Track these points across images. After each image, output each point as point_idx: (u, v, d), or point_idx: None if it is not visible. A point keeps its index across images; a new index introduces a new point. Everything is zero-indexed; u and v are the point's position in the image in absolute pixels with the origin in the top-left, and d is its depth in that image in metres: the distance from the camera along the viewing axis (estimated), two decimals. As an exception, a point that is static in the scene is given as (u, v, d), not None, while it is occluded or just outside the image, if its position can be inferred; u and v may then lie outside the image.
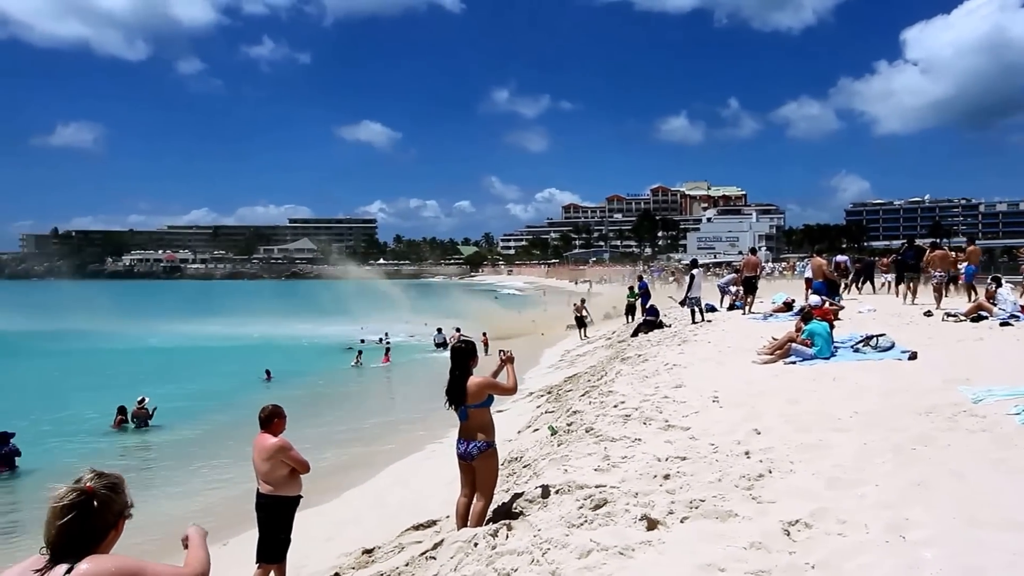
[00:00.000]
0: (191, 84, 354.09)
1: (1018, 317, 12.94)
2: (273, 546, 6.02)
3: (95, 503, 2.20)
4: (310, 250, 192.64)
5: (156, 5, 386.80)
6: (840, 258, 22.80)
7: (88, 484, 2.22)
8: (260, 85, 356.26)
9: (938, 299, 15.83)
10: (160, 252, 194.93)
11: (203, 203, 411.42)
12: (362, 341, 32.96)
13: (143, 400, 17.01)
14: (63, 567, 2.11)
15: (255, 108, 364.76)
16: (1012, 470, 4.77)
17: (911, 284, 18.48)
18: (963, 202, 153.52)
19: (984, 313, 13.55)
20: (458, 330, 27.35)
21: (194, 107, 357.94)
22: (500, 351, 5.95)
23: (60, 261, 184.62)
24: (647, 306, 22.98)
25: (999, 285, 14.76)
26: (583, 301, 29.53)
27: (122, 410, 16.84)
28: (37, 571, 2.13)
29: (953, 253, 19.49)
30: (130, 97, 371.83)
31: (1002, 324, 12.64)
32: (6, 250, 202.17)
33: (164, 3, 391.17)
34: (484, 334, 26.95)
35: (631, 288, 27.99)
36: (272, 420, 6.10)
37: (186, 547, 2.62)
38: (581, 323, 28.19)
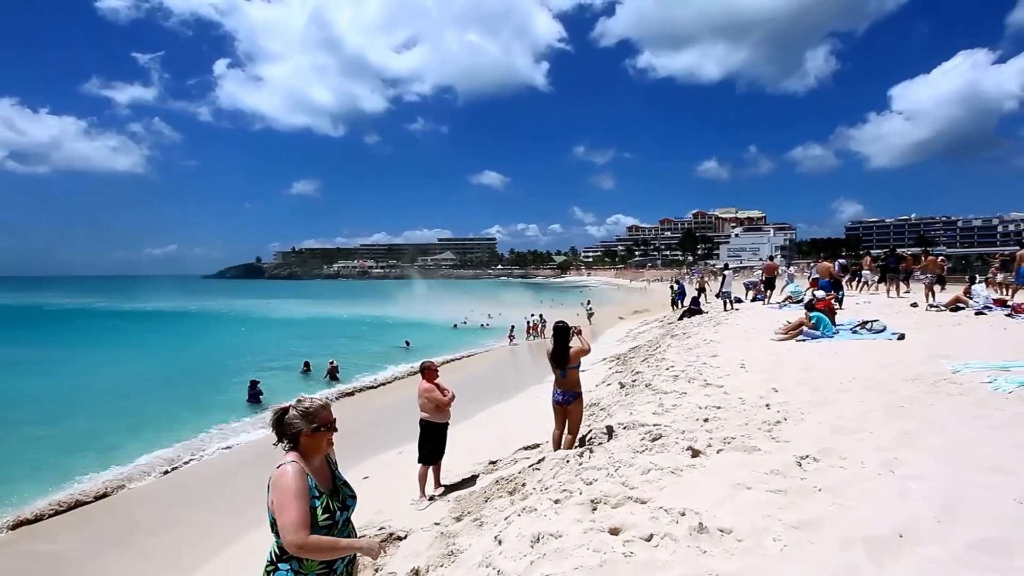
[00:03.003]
0: (372, 151, 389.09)
1: (991, 308, 11.45)
2: (428, 453, 6.25)
3: (286, 417, 2.31)
4: (452, 260, 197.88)
5: (350, 100, 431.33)
6: (841, 262, 21.16)
7: (287, 405, 2.36)
8: (416, 149, 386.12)
9: (928, 295, 14.30)
10: (355, 262, 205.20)
11: (382, 228, 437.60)
12: (464, 322, 32.58)
13: (333, 361, 17.53)
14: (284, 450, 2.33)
15: (413, 165, 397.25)
16: (987, 425, 4.27)
17: (893, 282, 17.10)
18: (943, 219, 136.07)
19: (961, 305, 12.10)
20: (540, 316, 27.24)
21: (375, 166, 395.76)
22: (574, 328, 5.88)
23: (297, 268, 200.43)
24: (684, 300, 23.09)
25: (974, 283, 13.25)
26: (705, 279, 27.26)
27: (307, 364, 17.85)
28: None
29: (941, 258, 17.65)
30: (335, 161, 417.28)
31: (977, 314, 11.21)
32: (266, 261, 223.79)
33: (355, 98, 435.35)
34: (541, 316, 26.70)
35: (671, 287, 27.70)
36: (426, 371, 6.35)
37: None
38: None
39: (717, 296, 19.55)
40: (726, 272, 18.83)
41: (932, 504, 3.00)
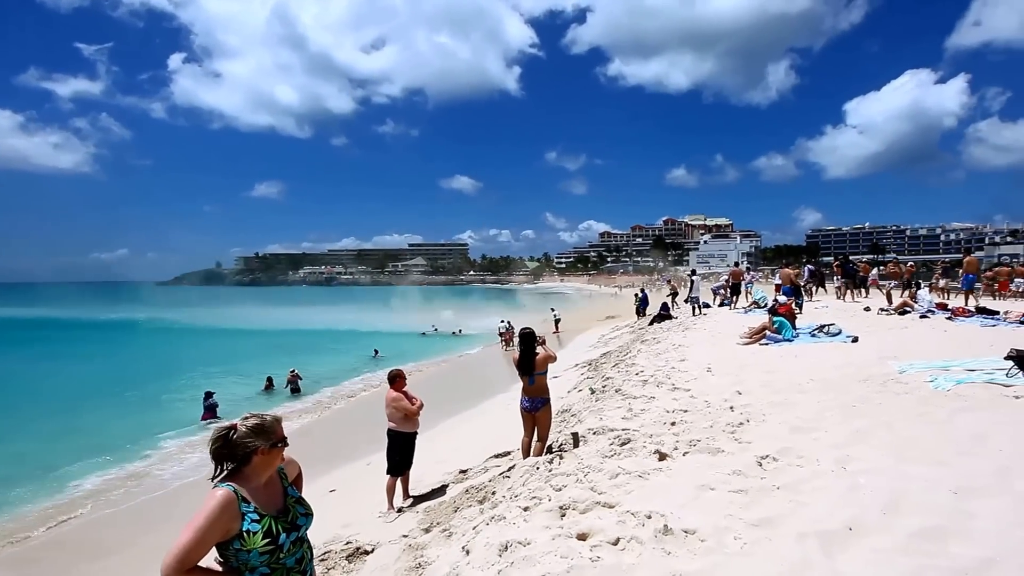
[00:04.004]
0: (340, 153, 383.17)
1: (934, 312, 12.30)
2: (396, 464, 6.17)
3: (233, 436, 2.13)
4: (423, 265, 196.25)
5: (316, 100, 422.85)
6: (810, 268, 21.94)
7: (236, 422, 2.17)
8: (386, 152, 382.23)
9: (889, 299, 15.06)
10: (323, 268, 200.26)
11: (351, 233, 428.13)
12: (435, 330, 32.50)
13: (293, 371, 17.01)
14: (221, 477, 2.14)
15: (383, 168, 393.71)
16: (928, 422, 4.57)
17: (848, 287, 18.02)
18: (894, 228, 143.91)
19: (908, 309, 12.84)
20: (505, 321, 27.20)
21: (343, 168, 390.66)
22: (539, 338, 5.85)
23: (260, 274, 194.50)
24: (646, 308, 24.51)
25: (919, 288, 14.06)
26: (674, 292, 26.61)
27: (270, 380, 16.96)
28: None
29: (910, 264, 18.71)
30: (301, 163, 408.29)
31: (921, 317, 11.99)
32: (227, 267, 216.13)
33: (321, 98, 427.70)
34: (509, 322, 26.54)
35: (636, 295, 28.36)
36: (394, 380, 6.23)
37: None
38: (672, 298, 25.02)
39: (685, 301, 20.04)
40: (693, 278, 19.32)
41: (879, 497, 3.20)
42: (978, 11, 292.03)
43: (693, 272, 21.89)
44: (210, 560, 2.05)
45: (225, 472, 2.13)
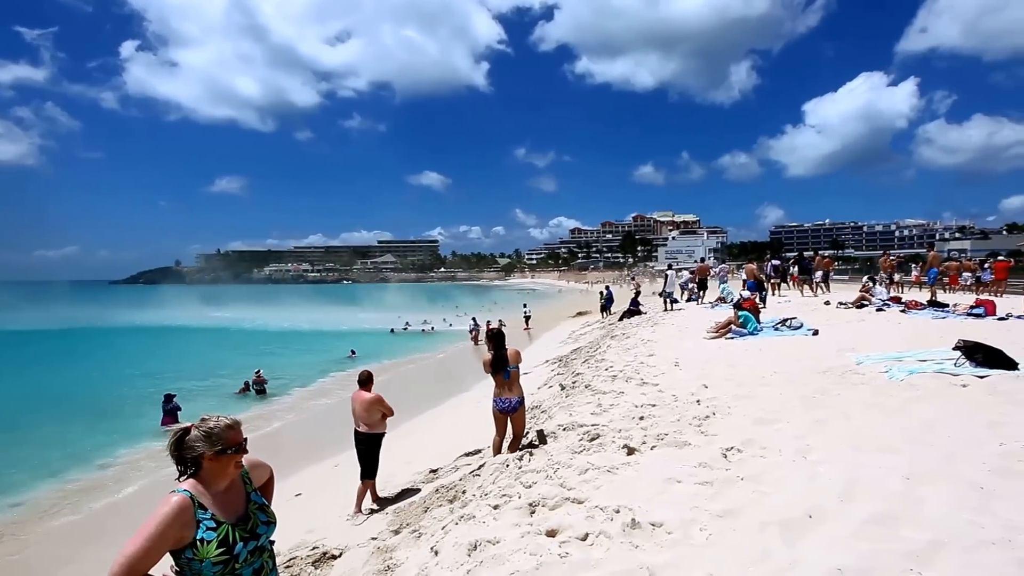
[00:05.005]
0: (305, 147, 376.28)
1: (889, 305, 12.85)
2: (369, 467, 6.13)
3: (186, 439, 2.05)
4: (392, 262, 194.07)
5: (280, 93, 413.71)
6: (775, 262, 22.42)
7: (191, 424, 2.09)
8: (352, 147, 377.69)
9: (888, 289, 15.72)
10: (289, 265, 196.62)
11: (318, 229, 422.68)
12: (405, 328, 32.32)
13: (259, 371, 16.59)
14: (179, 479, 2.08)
15: (350, 163, 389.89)
16: (883, 412, 4.76)
17: (806, 282, 18.69)
18: (851, 224, 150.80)
19: (865, 302, 13.40)
20: (474, 319, 27.50)
21: (308, 163, 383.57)
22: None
23: (222, 272, 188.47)
24: (612, 306, 25.39)
25: (876, 283, 14.69)
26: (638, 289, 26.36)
27: (247, 384, 16.52)
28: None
29: (893, 258, 19.63)
30: (264, 157, 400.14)
31: (877, 310, 12.55)
32: (187, 265, 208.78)
33: (285, 91, 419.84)
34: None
35: (601, 292, 28.50)
36: (367, 381, 6.22)
37: None
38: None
39: (659, 295, 20.34)
40: (668, 272, 19.61)
41: (836, 485, 3.31)
42: (924, 18, 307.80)
43: (669, 267, 22.25)
44: (165, 567, 1.96)
45: (187, 475, 2.05)
